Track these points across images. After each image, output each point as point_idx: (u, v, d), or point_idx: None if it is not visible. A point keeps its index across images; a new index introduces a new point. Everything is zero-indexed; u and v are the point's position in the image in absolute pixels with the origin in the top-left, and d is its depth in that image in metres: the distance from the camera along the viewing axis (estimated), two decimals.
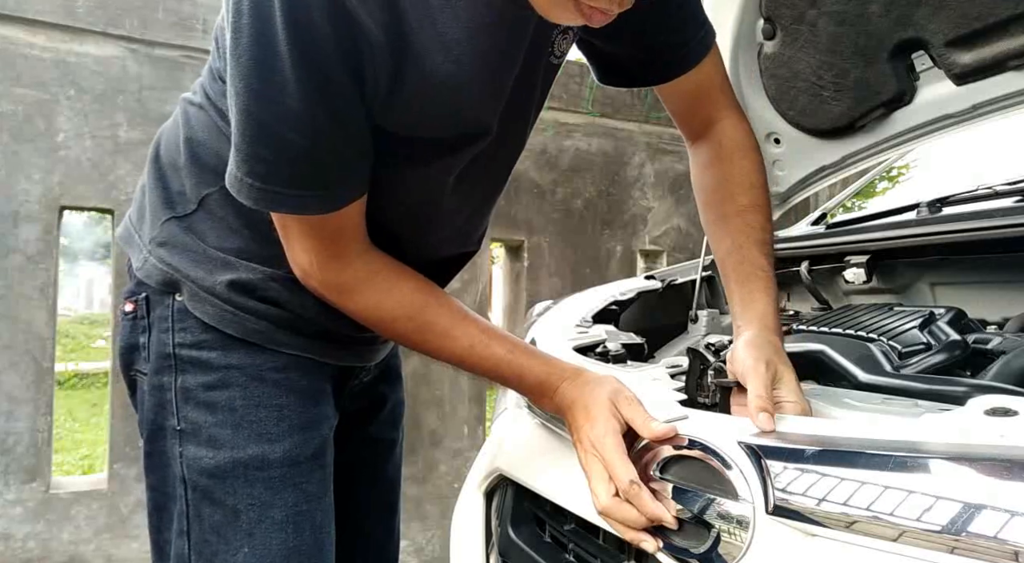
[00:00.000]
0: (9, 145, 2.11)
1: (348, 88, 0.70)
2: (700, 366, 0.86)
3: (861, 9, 1.26)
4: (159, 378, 0.89)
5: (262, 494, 0.86)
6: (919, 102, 1.35)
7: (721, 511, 0.67)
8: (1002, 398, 0.64)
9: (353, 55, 0.68)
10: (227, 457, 0.85)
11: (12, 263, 2.11)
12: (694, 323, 1.49)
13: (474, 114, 0.81)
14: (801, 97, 1.44)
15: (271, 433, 0.87)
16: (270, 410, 0.88)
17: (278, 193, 0.74)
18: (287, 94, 0.67)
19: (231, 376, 0.88)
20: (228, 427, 0.86)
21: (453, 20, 0.72)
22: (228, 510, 0.85)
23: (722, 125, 0.96)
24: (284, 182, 0.73)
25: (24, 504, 2.12)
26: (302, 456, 0.89)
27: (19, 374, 2.11)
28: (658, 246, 3.11)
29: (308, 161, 0.73)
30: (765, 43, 1.42)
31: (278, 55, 0.65)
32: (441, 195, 0.88)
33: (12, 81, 2.11)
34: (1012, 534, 0.51)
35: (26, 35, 2.12)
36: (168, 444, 0.88)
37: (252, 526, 0.85)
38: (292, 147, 0.71)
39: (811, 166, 1.56)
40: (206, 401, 0.87)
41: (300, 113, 0.68)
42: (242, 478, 0.86)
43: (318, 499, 0.90)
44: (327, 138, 0.72)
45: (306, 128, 0.70)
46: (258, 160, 0.72)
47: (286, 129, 0.70)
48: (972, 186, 1.44)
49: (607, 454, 0.74)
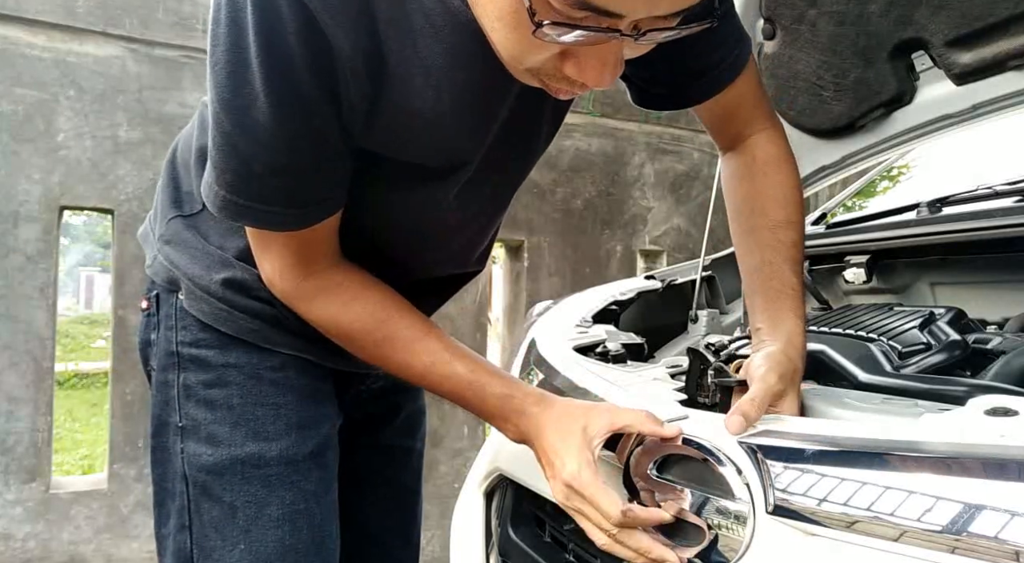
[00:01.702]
0: (9, 145, 2.11)
1: (321, 107, 0.69)
2: (700, 366, 0.86)
3: (861, 9, 1.26)
4: (164, 375, 0.91)
5: (259, 491, 0.86)
6: (919, 102, 1.35)
7: (721, 510, 0.68)
8: (1002, 398, 0.65)
9: (327, 75, 0.67)
10: (225, 454, 0.86)
11: (12, 263, 2.11)
12: (694, 323, 1.49)
13: (454, 143, 0.80)
14: (801, 97, 1.44)
15: (268, 431, 0.88)
16: (267, 408, 0.88)
17: (246, 206, 0.73)
18: (257, 108, 0.66)
19: (229, 374, 0.89)
20: (226, 425, 0.87)
21: (436, 46, 0.70)
22: (226, 507, 0.86)
23: (756, 138, 0.93)
24: (252, 195, 0.73)
25: (24, 504, 2.12)
26: (299, 455, 0.89)
27: (19, 374, 2.11)
28: (658, 246, 3.11)
29: (276, 177, 0.72)
30: (765, 43, 1.42)
31: (250, 68, 0.64)
32: (433, 218, 0.87)
33: (12, 81, 2.11)
34: (1012, 534, 0.51)
35: (26, 35, 2.12)
36: (171, 440, 0.90)
37: (249, 523, 0.86)
38: (260, 161, 0.70)
39: (811, 166, 1.56)
40: (206, 399, 0.88)
41: (269, 128, 0.67)
42: (239, 475, 0.86)
43: (317, 498, 0.90)
44: (296, 155, 0.71)
45: (274, 143, 0.69)
46: (228, 171, 0.72)
47: (254, 143, 0.69)
48: (972, 186, 1.44)
49: (588, 491, 0.72)
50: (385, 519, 1.11)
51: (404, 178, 0.81)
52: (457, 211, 0.88)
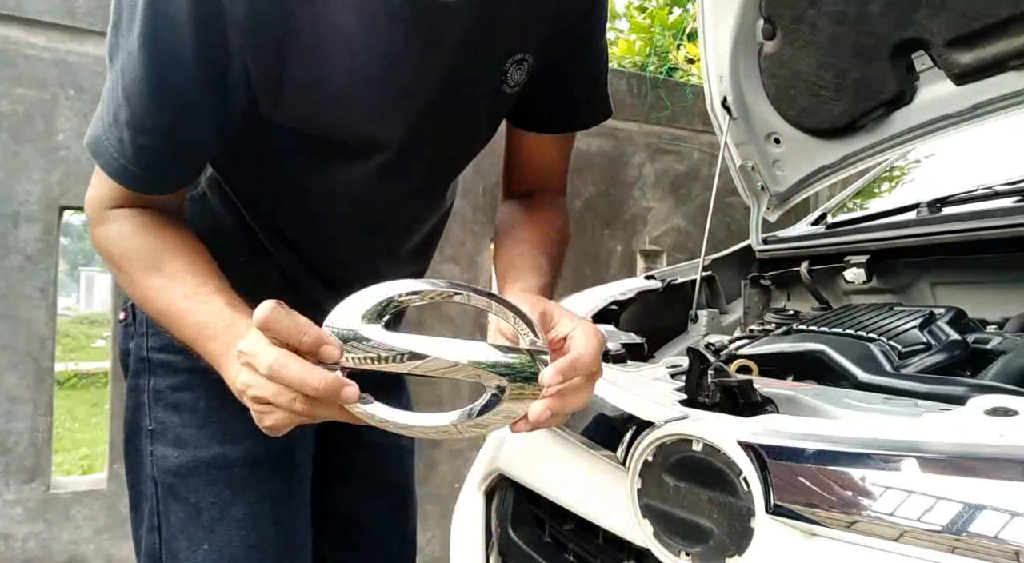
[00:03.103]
0: (9, 145, 2.11)
1: (195, 71, 0.69)
2: (700, 366, 0.86)
3: (861, 9, 1.26)
4: (136, 380, 0.94)
5: (223, 492, 0.88)
6: (919, 102, 1.35)
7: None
8: (1002, 398, 0.65)
9: (212, 41, 0.68)
10: (190, 456, 0.88)
11: (12, 263, 2.11)
12: (694, 323, 1.49)
13: (369, 119, 0.79)
14: (801, 97, 1.44)
15: (234, 433, 0.89)
16: (233, 411, 0.85)
17: (105, 147, 0.74)
18: (134, 56, 0.68)
19: (195, 378, 0.90)
20: (192, 427, 0.89)
21: (351, 9, 0.70)
22: (191, 508, 0.88)
23: (556, 199, 1.00)
24: (112, 139, 0.74)
25: (24, 504, 2.12)
26: (265, 456, 0.90)
27: (19, 374, 2.11)
28: (658, 246, 3.10)
29: (135, 131, 0.72)
30: (765, 43, 1.42)
31: (135, 15, 0.67)
32: (351, 205, 0.87)
33: (12, 81, 2.11)
34: (1012, 534, 0.51)
35: (26, 35, 2.12)
36: (142, 443, 0.92)
37: (213, 523, 0.87)
38: (126, 110, 0.71)
39: (811, 166, 1.56)
40: (173, 402, 0.90)
41: (138, 78, 0.69)
42: (204, 477, 0.88)
43: (284, 499, 0.92)
44: (156, 114, 0.71)
45: (140, 97, 0.70)
46: (106, 110, 0.73)
47: (125, 90, 0.70)
48: (972, 186, 1.44)
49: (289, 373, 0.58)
50: (379, 516, 1.12)
51: (319, 156, 0.81)
52: (380, 201, 0.88)
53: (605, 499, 0.83)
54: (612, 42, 4.18)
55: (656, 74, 3.12)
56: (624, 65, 3.28)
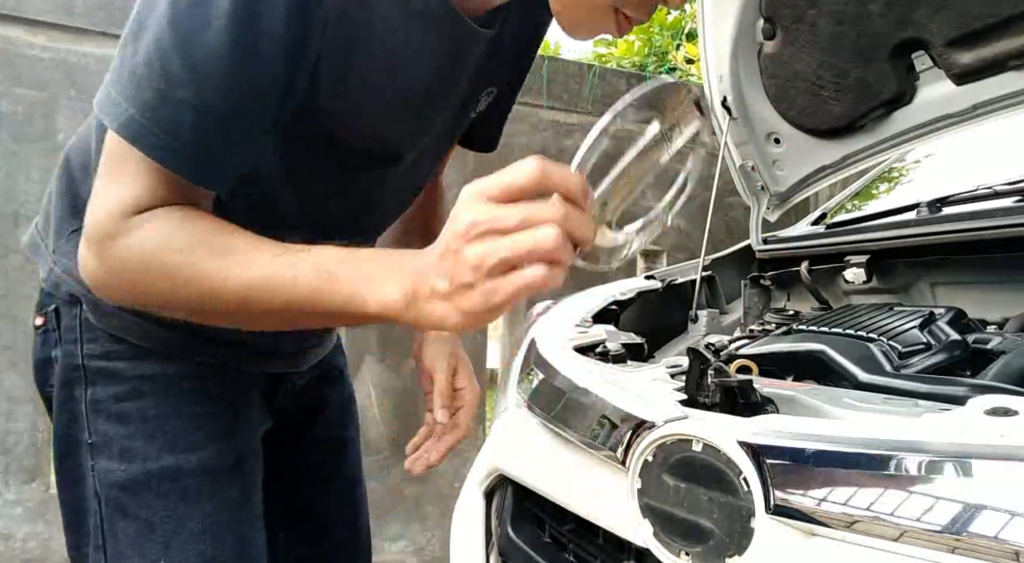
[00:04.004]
0: (9, 145, 2.11)
1: (273, 66, 0.66)
2: (700, 366, 0.86)
3: (861, 9, 1.26)
4: (68, 391, 0.87)
5: (176, 505, 0.84)
6: (919, 102, 1.35)
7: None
8: (1002, 398, 0.65)
9: (299, 37, 0.66)
10: (139, 469, 0.83)
11: (12, 263, 2.11)
12: (694, 323, 1.49)
13: (398, 132, 0.81)
14: (801, 97, 1.44)
15: (186, 443, 0.85)
16: (185, 420, 0.86)
17: (149, 130, 0.65)
18: (211, 32, 0.62)
19: (143, 386, 0.85)
20: (140, 438, 0.84)
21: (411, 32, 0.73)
22: (142, 523, 0.83)
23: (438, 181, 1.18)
24: (162, 121, 0.65)
25: (24, 504, 2.12)
26: (220, 465, 0.87)
27: (19, 374, 2.11)
28: (658, 246, 3.10)
29: (196, 112, 0.65)
30: (765, 43, 1.42)
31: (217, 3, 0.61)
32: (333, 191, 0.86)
33: (12, 81, 2.11)
34: (1012, 534, 0.51)
35: (26, 35, 2.12)
36: (82, 458, 0.86)
37: (168, 538, 0.83)
38: (188, 88, 0.64)
39: (811, 166, 1.56)
40: (117, 413, 0.85)
41: (214, 57, 0.63)
42: (155, 490, 0.84)
43: (239, 508, 0.89)
44: (227, 98, 0.66)
45: (212, 76, 0.64)
46: (150, 88, 0.65)
47: (190, 69, 0.64)
48: (972, 186, 1.44)
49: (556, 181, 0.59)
50: (331, 511, 1.11)
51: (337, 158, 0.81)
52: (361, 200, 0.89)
53: (605, 499, 0.83)
54: (611, 42, 4.18)
55: (656, 74, 3.12)
56: (624, 65, 3.27)
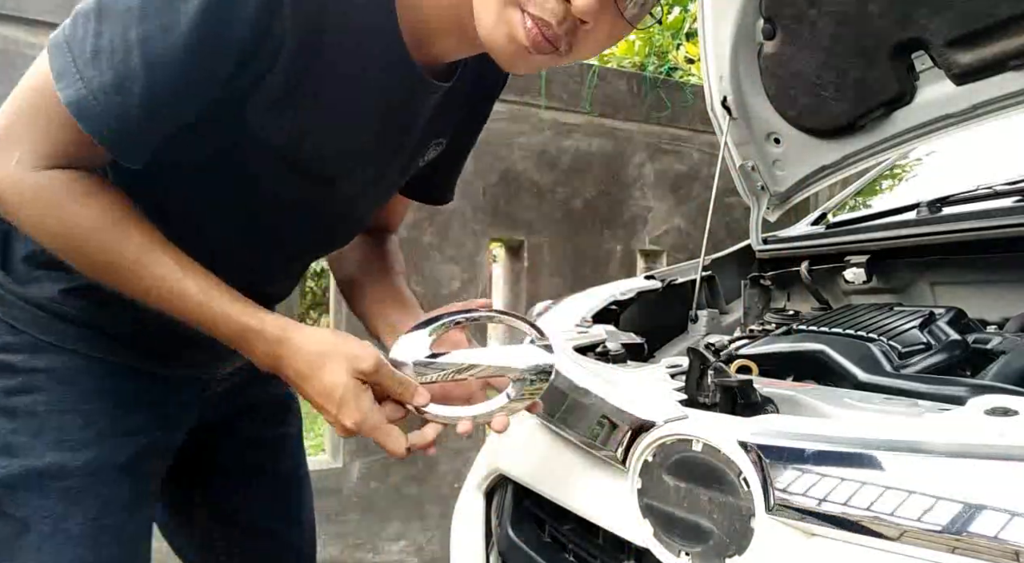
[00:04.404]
0: None
1: (226, 66, 0.68)
2: (700, 366, 0.86)
3: (861, 9, 1.26)
4: None
5: (56, 506, 0.79)
6: (919, 102, 1.35)
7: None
8: (1002, 398, 0.65)
9: (253, 50, 0.67)
10: (20, 466, 0.79)
11: None
12: (694, 323, 1.49)
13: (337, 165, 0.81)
14: (801, 97, 1.44)
15: (74, 440, 0.81)
16: (76, 415, 0.82)
17: (99, 115, 0.67)
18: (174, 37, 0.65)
19: (36, 380, 0.81)
20: (26, 434, 0.80)
21: (367, 71, 0.74)
22: (17, 523, 0.79)
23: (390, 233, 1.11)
24: (112, 109, 0.67)
25: None
26: (110, 464, 0.82)
27: None
28: (658, 246, 3.10)
29: (145, 109, 0.68)
30: (765, 43, 1.42)
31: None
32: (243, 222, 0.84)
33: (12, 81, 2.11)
34: (1012, 534, 0.51)
35: (26, 35, 2.12)
36: None
37: (42, 540, 0.79)
38: (142, 85, 0.66)
39: (811, 166, 1.57)
40: (6, 407, 0.81)
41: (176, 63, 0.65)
42: (36, 489, 0.79)
43: (130, 511, 0.84)
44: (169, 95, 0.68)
45: (172, 78, 0.66)
46: (110, 69, 0.66)
47: (156, 65, 0.66)
48: (972, 186, 1.44)
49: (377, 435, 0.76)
50: (270, 510, 1.10)
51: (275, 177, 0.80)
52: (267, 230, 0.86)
53: (605, 499, 0.84)
54: None
55: (656, 74, 3.12)
56: (624, 65, 3.27)
